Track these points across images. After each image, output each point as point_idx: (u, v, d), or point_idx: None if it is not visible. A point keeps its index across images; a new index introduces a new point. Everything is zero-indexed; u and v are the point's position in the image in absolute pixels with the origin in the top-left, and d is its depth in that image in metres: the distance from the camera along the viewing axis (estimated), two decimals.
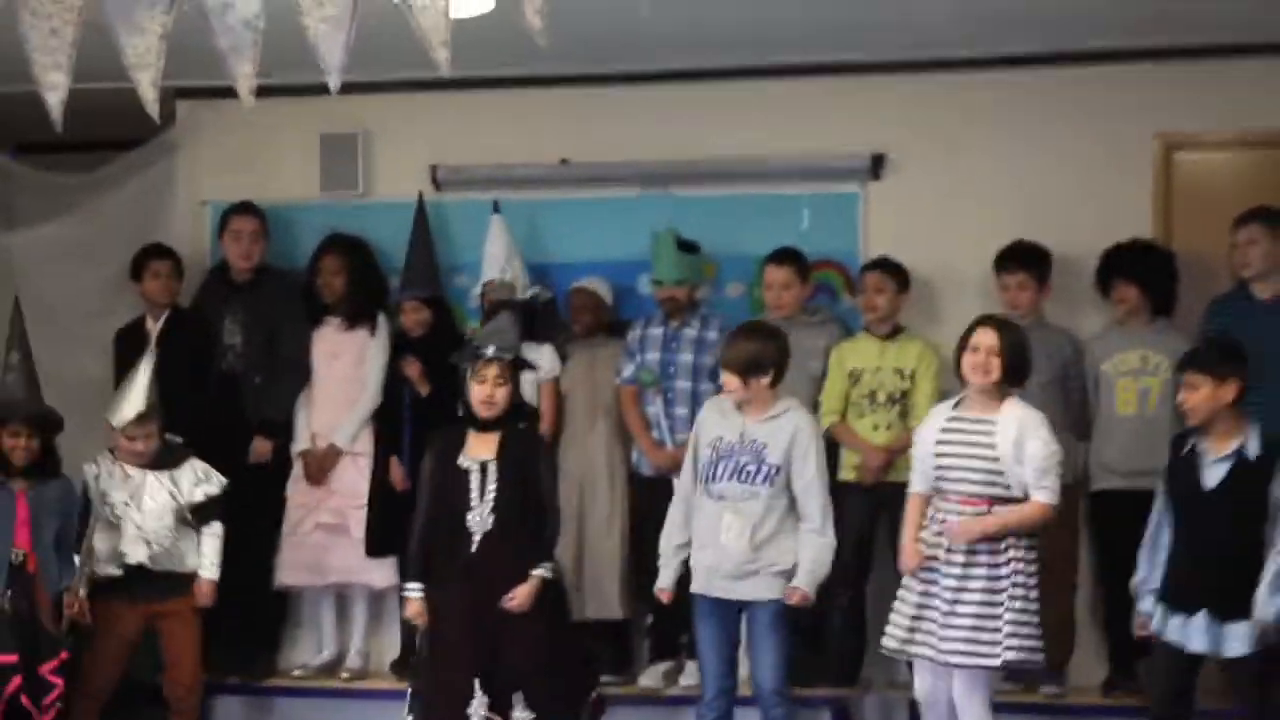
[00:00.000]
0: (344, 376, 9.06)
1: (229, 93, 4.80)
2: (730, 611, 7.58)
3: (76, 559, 8.19)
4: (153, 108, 4.90)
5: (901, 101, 9.09)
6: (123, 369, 9.24)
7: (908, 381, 8.43)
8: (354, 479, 8.96)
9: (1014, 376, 7.27)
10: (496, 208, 9.14)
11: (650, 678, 8.80)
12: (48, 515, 8.18)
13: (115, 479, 8.23)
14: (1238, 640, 6.99)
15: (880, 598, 8.30)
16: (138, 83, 4.85)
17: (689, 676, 8.67)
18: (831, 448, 8.35)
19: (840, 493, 7.99)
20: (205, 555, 8.28)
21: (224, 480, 8.38)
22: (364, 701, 8.77)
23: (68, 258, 9.72)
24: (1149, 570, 7.36)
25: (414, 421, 8.98)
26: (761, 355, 7.44)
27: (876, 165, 9.14)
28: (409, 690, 7.81)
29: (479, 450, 7.62)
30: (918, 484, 7.41)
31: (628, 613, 8.86)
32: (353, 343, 9.11)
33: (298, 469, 9.11)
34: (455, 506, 7.57)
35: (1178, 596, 7.19)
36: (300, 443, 9.09)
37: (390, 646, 9.22)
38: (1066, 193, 8.86)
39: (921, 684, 7.40)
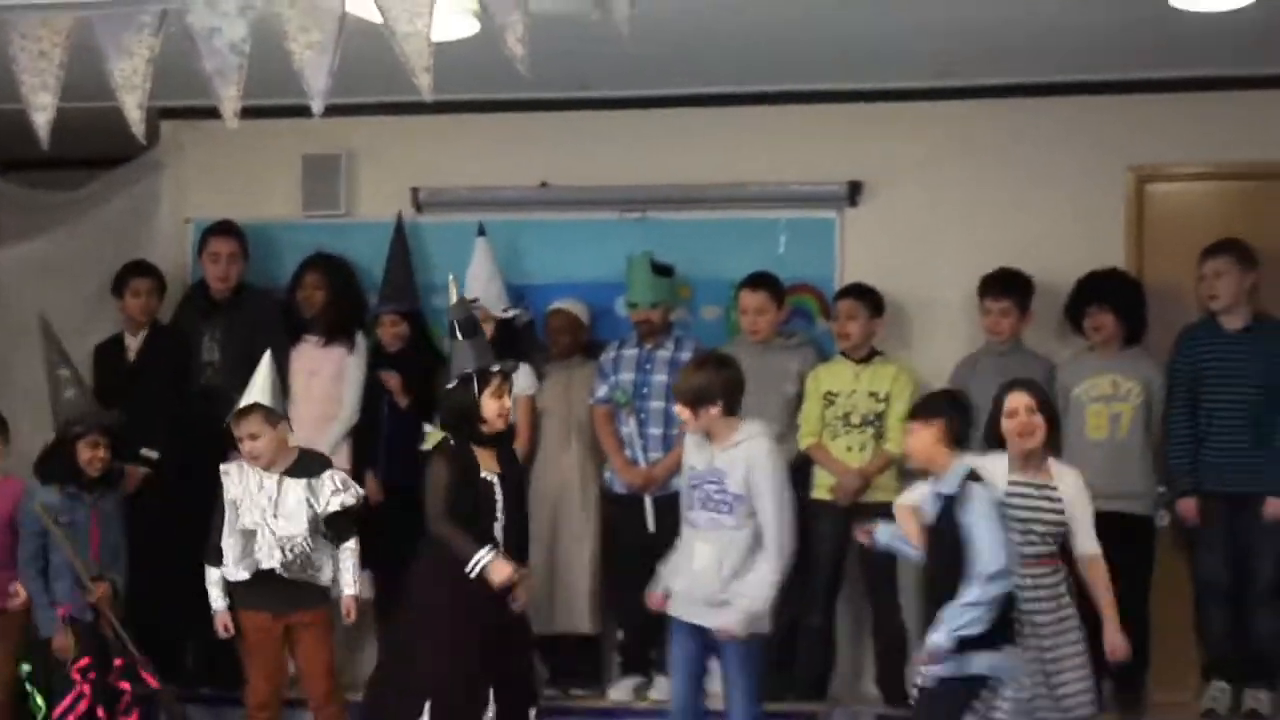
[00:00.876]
0: (322, 394, 9.08)
1: (214, 113, 4.86)
2: (701, 635, 7.59)
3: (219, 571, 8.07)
4: (138, 128, 4.96)
5: (879, 130, 9.15)
6: (102, 383, 9.28)
7: (882, 404, 8.49)
8: None
9: (1053, 432, 7.24)
10: (482, 230, 9.19)
11: (620, 691, 8.85)
12: (109, 526, 8.22)
13: (249, 485, 8.00)
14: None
15: (851, 616, 8.43)
16: (124, 104, 4.91)
17: (658, 691, 8.72)
18: (804, 466, 8.48)
19: (813, 511, 8.12)
20: (346, 571, 8.03)
21: (361, 492, 8.19)
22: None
23: (50, 274, 9.72)
24: None
25: (391, 435, 9.07)
26: (708, 387, 7.37)
27: (853, 192, 9.19)
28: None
29: (490, 464, 7.66)
30: None
31: (597, 627, 8.92)
32: (330, 360, 9.13)
33: None
34: (484, 519, 7.59)
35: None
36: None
37: (369, 659, 9.07)
38: (1040, 222, 8.92)
39: None
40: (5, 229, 9.91)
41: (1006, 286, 8.64)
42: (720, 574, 7.36)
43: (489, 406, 7.60)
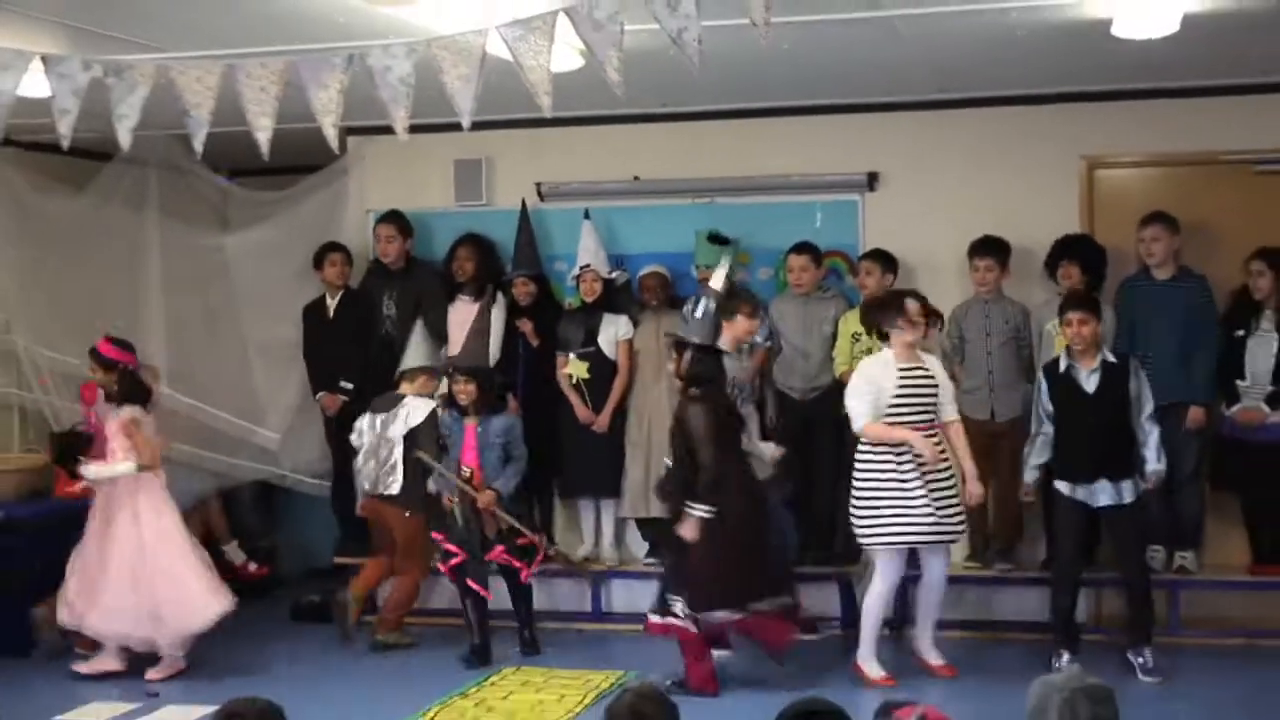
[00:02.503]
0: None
1: (388, 129, 4.96)
2: None
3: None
4: (333, 142, 5.09)
5: (891, 132, 9.12)
6: (309, 336, 9.44)
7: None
8: None
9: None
10: (587, 214, 9.20)
11: None
12: (490, 442, 8.28)
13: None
14: None
15: None
16: (322, 124, 5.03)
17: None
18: (840, 387, 8.33)
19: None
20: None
21: None
22: None
23: (268, 254, 9.82)
24: None
25: (526, 367, 9.15)
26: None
27: (872, 180, 9.16)
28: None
29: None
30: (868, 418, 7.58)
31: None
32: (477, 312, 9.16)
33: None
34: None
35: None
36: (441, 388, 9.16)
37: None
38: (1014, 200, 8.87)
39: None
40: (235, 220, 10.04)
41: (990, 249, 8.62)
42: None
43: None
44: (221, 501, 9.75)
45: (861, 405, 7.55)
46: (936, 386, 7.57)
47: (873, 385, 7.57)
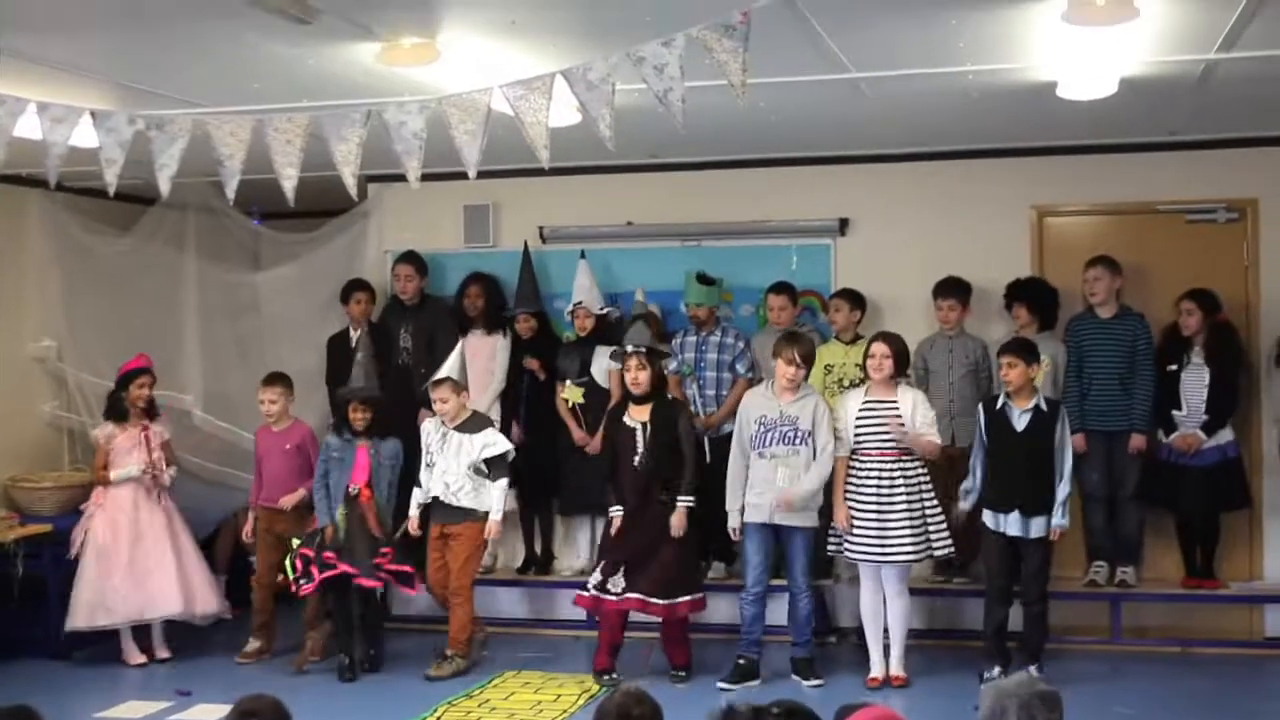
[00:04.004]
0: (481, 369, 9.12)
1: (403, 178, 5.02)
2: (772, 530, 7.78)
3: (417, 491, 8.21)
4: (353, 190, 5.14)
5: (861, 183, 9.16)
6: (333, 364, 9.44)
7: (863, 372, 8.47)
8: None
9: (900, 369, 7.66)
10: (583, 255, 9.23)
11: None
12: (383, 465, 8.22)
13: (434, 434, 8.19)
14: None
15: None
16: (343, 173, 5.08)
17: (715, 571, 8.87)
18: None
19: None
20: (494, 502, 8.08)
21: (509, 445, 8.21)
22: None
23: (296, 290, 9.86)
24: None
25: (529, 397, 9.17)
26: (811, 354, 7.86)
27: (843, 225, 9.20)
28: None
29: (638, 415, 7.85)
30: (842, 450, 7.68)
31: None
32: (487, 345, 9.20)
33: None
34: (625, 455, 7.80)
35: None
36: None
37: (518, 550, 9.40)
38: (973, 244, 8.92)
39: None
40: (265, 258, 10.08)
41: (951, 289, 8.66)
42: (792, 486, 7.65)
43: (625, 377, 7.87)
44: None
45: (837, 435, 7.74)
46: (901, 418, 7.59)
47: (839, 416, 7.75)
